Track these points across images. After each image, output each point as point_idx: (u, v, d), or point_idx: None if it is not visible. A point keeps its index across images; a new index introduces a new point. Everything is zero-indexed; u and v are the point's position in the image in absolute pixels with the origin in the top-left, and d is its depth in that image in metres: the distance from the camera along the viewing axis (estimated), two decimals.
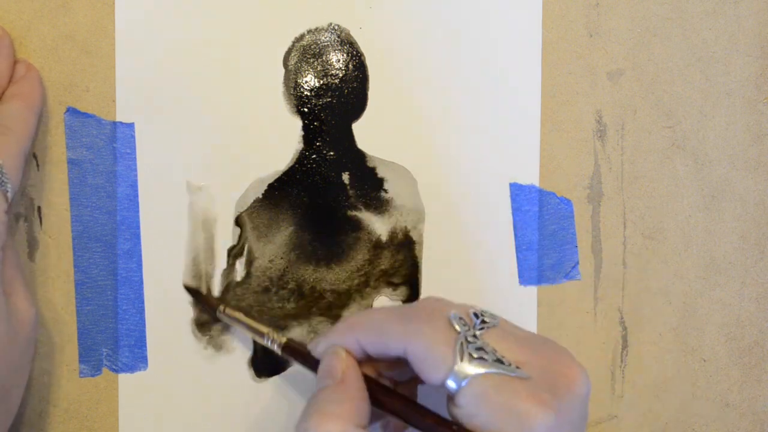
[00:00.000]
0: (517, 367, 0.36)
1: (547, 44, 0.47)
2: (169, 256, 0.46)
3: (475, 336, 0.37)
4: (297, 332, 0.47)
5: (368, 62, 0.47)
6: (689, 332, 0.49)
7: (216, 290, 0.46)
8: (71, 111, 0.45)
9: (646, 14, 0.47)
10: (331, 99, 0.46)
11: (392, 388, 0.40)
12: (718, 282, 0.49)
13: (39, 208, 0.45)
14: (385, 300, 0.47)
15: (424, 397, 0.41)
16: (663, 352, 0.50)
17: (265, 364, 0.47)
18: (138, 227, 0.46)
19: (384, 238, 0.47)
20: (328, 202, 0.47)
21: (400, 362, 0.39)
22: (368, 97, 0.47)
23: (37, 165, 0.45)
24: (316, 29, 0.46)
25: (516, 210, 0.48)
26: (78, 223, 0.46)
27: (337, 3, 0.46)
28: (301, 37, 0.46)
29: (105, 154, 0.45)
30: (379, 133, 0.47)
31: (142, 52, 0.45)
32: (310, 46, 0.46)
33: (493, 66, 0.47)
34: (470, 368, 0.36)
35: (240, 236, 0.46)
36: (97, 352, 0.46)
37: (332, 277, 0.47)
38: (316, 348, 0.40)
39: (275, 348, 0.42)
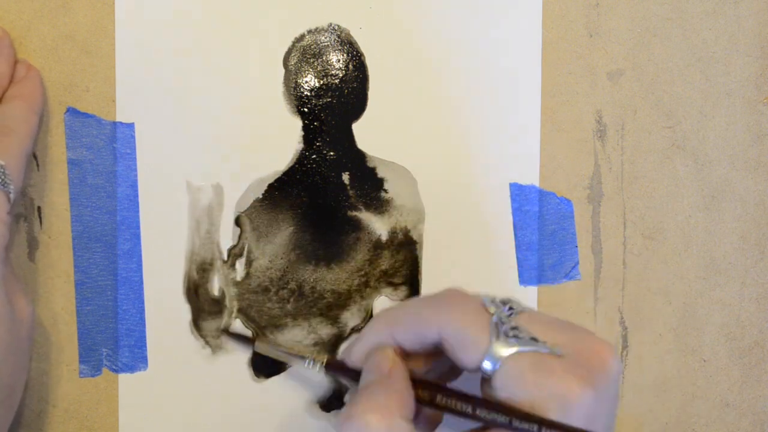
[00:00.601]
0: (552, 346, 0.36)
1: (547, 44, 0.47)
2: (169, 256, 0.46)
3: (508, 317, 0.37)
4: (297, 332, 0.47)
5: (368, 62, 0.47)
6: (689, 332, 0.49)
7: (216, 290, 0.46)
8: (71, 111, 0.45)
9: (646, 14, 0.47)
10: (331, 99, 0.46)
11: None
12: (718, 282, 0.49)
13: (39, 208, 0.45)
14: (385, 300, 0.47)
15: None
16: (663, 352, 0.50)
17: (264, 364, 0.47)
18: (138, 227, 0.46)
19: (384, 238, 0.47)
20: (328, 202, 0.47)
21: (435, 356, 0.39)
22: (368, 97, 0.47)
23: (37, 165, 0.45)
24: (316, 29, 0.46)
25: (516, 210, 0.48)
26: (78, 223, 0.46)
27: (337, 3, 0.46)
28: (301, 37, 0.46)
29: (105, 154, 0.45)
30: (379, 133, 0.47)
31: (142, 52, 0.45)
32: (310, 46, 0.46)
33: (493, 66, 0.47)
34: (506, 348, 0.36)
35: (240, 236, 0.46)
36: (97, 352, 0.46)
37: (332, 277, 0.47)
38: (351, 354, 0.40)
39: (317, 370, 0.42)
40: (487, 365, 0.36)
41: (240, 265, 0.46)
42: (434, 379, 0.41)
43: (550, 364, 0.36)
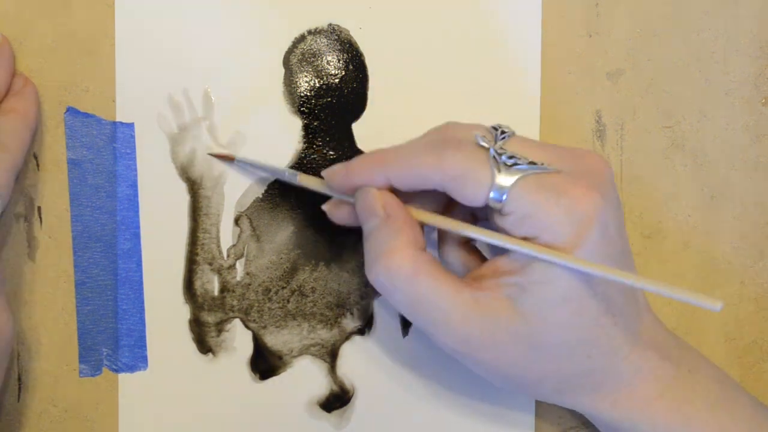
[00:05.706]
0: (549, 165, 0.38)
1: (546, 44, 0.47)
2: (169, 256, 0.46)
3: (502, 148, 0.39)
4: (297, 332, 0.47)
5: (368, 62, 0.47)
6: (688, 332, 0.49)
7: (216, 290, 0.46)
8: (71, 111, 0.45)
9: (646, 14, 0.47)
10: (331, 99, 0.46)
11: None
12: (717, 282, 0.49)
13: (39, 208, 0.45)
14: (385, 300, 0.47)
15: None
16: None
17: (264, 364, 0.47)
18: (138, 227, 0.46)
19: None
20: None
21: (426, 194, 0.41)
22: (368, 97, 0.47)
23: (37, 165, 0.45)
24: (316, 29, 0.46)
25: None
26: (78, 223, 0.46)
27: (337, 3, 0.46)
28: (302, 37, 0.46)
29: (105, 154, 0.46)
30: (379, 133, 0.47)
31: (142, 52, 0.45)
32: (310, 47, 0.46)
33: (492, 66, 0.47)
34: (508, 176, 0.38)
35: (240, 236, 0.46)
36: (97, 352, 0.46)
37: (332, 277, 0.47)
38: (334, 179, 0.41)
39: (295, 182, 0.44)
40: (494, 197, 0.38)
41: (240, 265, 0.47)
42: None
43: (553, 181, 0.37)
